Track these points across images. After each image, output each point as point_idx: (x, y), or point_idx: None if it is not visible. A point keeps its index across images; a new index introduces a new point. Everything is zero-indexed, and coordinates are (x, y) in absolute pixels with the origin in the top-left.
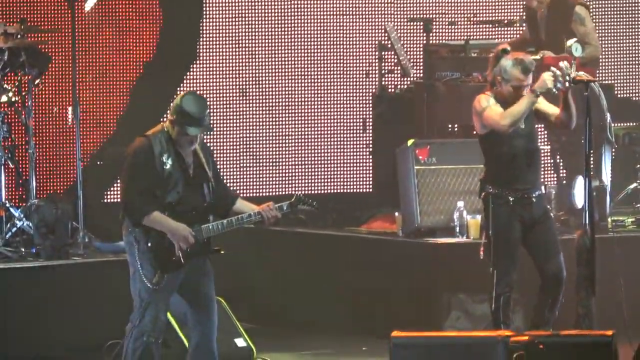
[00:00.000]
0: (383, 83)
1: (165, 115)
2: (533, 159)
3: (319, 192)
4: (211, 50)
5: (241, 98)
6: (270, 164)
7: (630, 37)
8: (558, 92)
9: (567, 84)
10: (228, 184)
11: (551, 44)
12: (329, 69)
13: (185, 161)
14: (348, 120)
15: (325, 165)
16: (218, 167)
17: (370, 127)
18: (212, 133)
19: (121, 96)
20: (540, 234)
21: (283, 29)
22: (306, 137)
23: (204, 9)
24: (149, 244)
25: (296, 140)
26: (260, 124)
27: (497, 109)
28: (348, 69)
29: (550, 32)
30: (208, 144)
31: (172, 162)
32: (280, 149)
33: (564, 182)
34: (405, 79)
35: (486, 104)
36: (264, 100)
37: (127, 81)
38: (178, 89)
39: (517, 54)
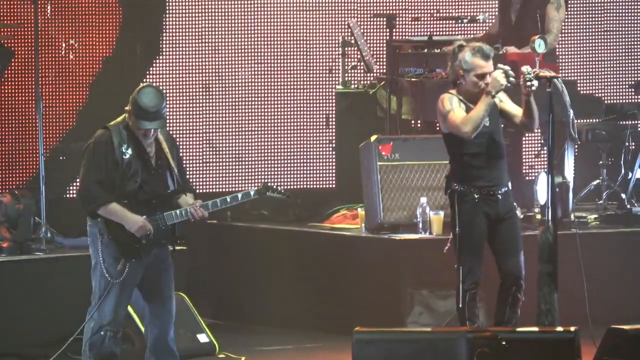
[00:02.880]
0: (346, 79)
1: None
2: (497, 156)
3: (282, 187)
4: (174, 45)
5: (204, 94)
6: (233, 159)
7: (593, 33)
8: (512, 85)
9: (532, 86)
10: (191, 180)
11: (522, 28)
12: (292, 64)
13: (146, 150)
14: (311, 116)
15: (288, 161)
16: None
17: (334, 123)
18: (175, 129)
19: (83, 91)
20: (503, 232)
21: (246, 25)
22: (269, 132)
23: (167, 3)
24: (110, 234)
25: (259, 136)
26: (223, 119)
27: (459, 113)
28: (311, 64)
29: (525, 12)
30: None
31: (132, 152)
32: (243, 144)
33: (526, 178)
34: (369, 74)
35: (449, 107)
36: (227, 96)
37: (89, 76)
38: (142, 83)
39: (473, 44)
